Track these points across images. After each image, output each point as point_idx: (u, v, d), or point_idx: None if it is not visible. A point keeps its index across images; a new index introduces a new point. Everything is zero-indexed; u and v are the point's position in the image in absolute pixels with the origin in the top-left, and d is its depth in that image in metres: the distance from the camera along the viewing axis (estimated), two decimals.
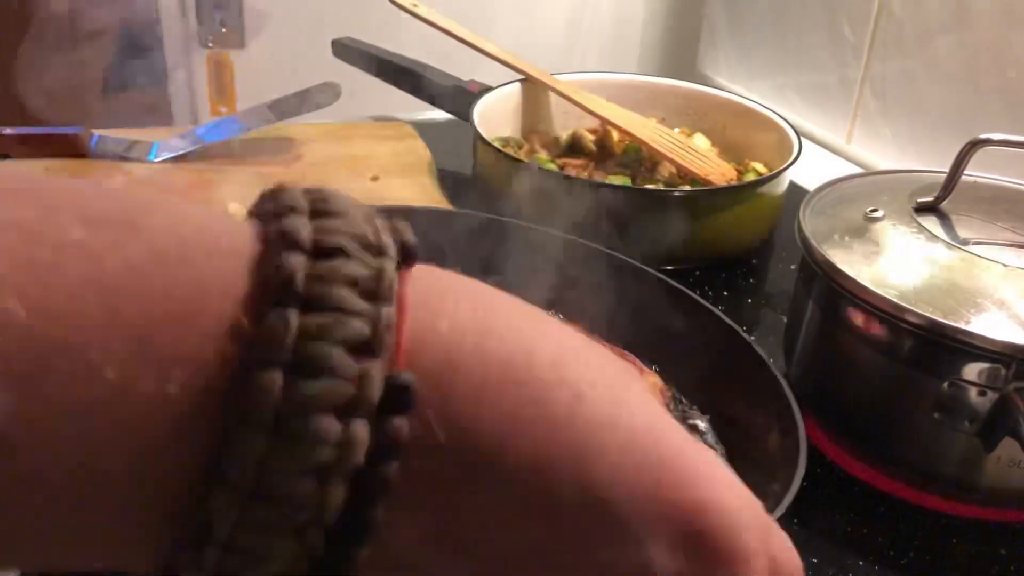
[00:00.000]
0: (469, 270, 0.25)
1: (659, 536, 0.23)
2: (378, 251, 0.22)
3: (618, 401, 0.24)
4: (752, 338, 0.57)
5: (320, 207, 0.22)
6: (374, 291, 0.21)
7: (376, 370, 0.21)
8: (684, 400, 0.59)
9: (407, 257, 0.23)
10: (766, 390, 0.53)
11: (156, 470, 0.20)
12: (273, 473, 0.20)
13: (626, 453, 0.23)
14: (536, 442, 0.22)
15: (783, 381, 0.52)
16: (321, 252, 0.21)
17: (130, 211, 0.21)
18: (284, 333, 0.20)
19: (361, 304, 0.21)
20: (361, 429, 0.21)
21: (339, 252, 0.21)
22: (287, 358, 0.20)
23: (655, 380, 0.57)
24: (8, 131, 0.88)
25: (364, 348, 0.21)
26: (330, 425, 0.20)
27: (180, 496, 0.20)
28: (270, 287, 0.21)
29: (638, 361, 0.58)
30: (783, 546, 0.26)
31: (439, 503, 0.22)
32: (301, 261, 0.21)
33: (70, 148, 0.89)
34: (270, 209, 0.22)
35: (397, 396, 0.21)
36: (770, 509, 0.44)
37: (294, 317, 0.20)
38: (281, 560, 0.21)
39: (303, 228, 0.21)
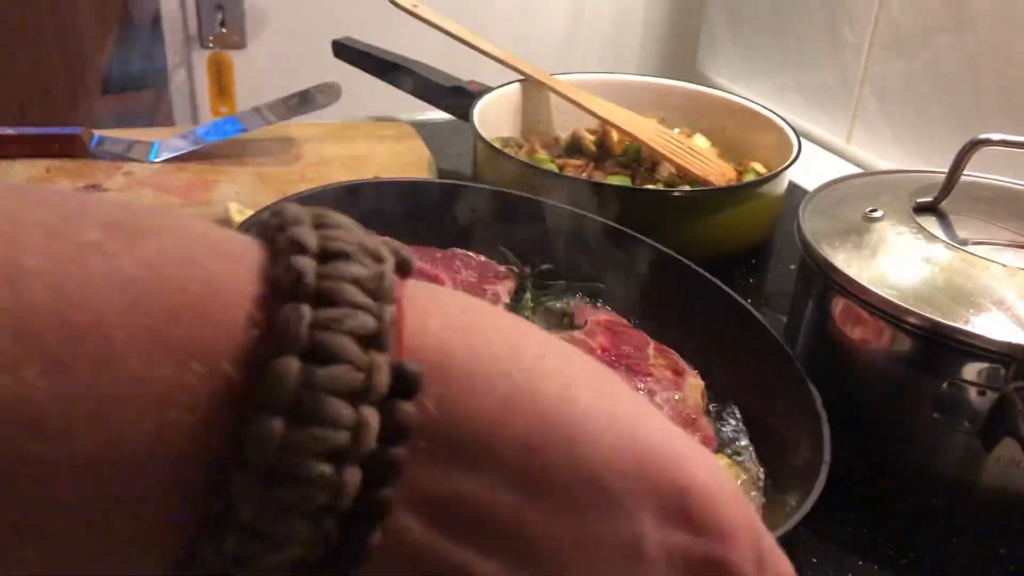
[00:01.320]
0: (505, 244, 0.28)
1: (647, 511, 0.25)
2: (378, 257, 0.24)
3: (602, 392, 0.26)
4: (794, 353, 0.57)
5: (321, 221, 0.24)
6: (377, 291, 0.23)
7: (383, 360, 0.23)
8: (730, 412, 0.59)
9: (402, 267, 0.25)
10: (800, 402, 0.54)
11: (177, 456, 0.21)
12: (292, 455, 0.21)
13: (614, 436, 0.25)
14: (529, 426, 0.24)
15: (816, 395, 0.53)
16: (327, 256, 0.23)
17: (137, 217, 0.23)
18: (298, 323, 0.22)
19: (367, 301, 0.23)
20: (371, 415, 0.22)
21: (343, 256, 0.23)
22: (302, 346, 0.22)
23: (696, 382, 0.57)
24: (8, 131, 0.88)
25: (371, 341, 0.23)
26: (343, 409, 0.22)
27: (201, 481, 0.21)
28: (281, 285, 0.22)
29: (682, 361, 0.58)
30: (771, 545, 0.28)
31: (441, 487, 0.24)
32: (310, 263, 0.23)
33: (70, 148, 0.89)
34: (272, 222, 0.24)
35: (404, 384, 0.23)
36: (787, 516, 0.45)
37: (307, 310, 0.22)
38: (298, 545, 0.22)
39: (309, 235, 0.23)
